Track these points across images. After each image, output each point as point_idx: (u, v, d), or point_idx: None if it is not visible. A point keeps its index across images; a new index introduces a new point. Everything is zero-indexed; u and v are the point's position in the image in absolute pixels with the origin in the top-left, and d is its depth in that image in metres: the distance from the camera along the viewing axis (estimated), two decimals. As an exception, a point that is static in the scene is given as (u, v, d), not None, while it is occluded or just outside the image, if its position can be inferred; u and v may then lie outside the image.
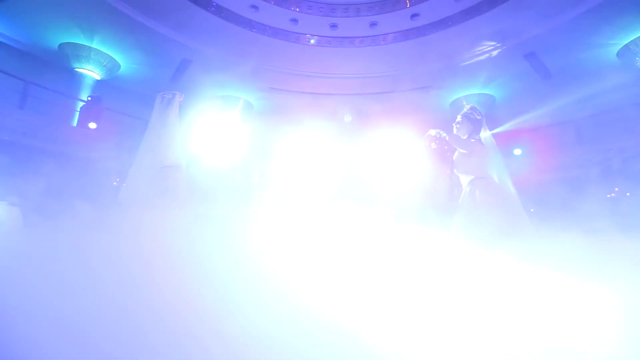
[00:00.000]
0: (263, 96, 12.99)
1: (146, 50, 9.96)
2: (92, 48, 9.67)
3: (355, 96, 12.72)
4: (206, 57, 10.34)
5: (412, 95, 12.18)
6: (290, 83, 11.93)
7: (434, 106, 13.01)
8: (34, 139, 8.08)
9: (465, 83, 11.29)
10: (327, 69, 11.18)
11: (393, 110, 13.65)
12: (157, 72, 11.21)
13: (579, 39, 8.66)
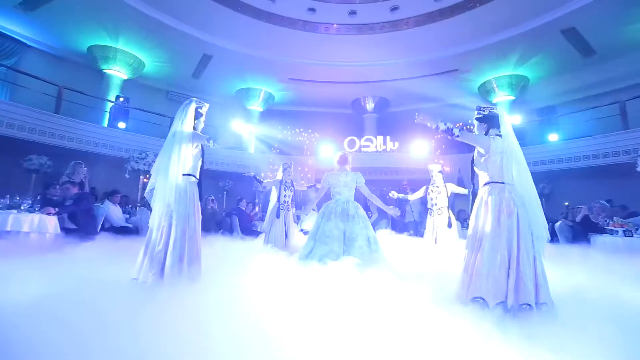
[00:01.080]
0: (283, 87, 12.93)
1: (168, 48, 10.15)
2: (117, 49, 9.98)
3: (378, 84, 12.34)
4: (226, 52, 10.38)
5: (437, 81, 11.66)
6: (310, 73, 11.76)
7: (461, 91, 12.39)
8: (69, 141, 8.57)
9: (495, 64, 10.59)
10: (348, 56, 10.88)
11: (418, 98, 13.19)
12: (180, 68, 11.45)
13: (627, 11, 7.79)
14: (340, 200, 3.48)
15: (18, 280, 2.27)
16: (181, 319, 1.69)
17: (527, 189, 2.13)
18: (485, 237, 2.09)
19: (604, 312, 1.86)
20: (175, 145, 2.40)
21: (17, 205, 3.69)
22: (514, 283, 1.94)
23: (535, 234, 2.07)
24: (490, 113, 2.37)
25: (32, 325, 1.63)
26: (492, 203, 2.14)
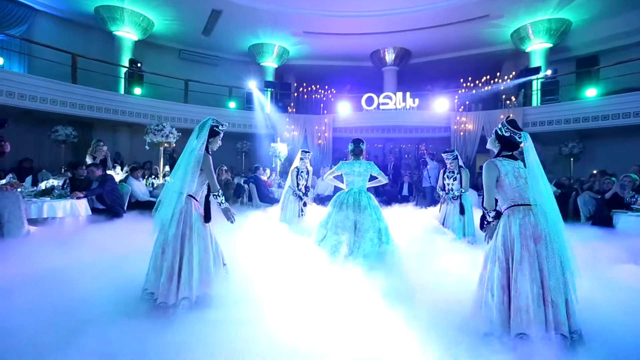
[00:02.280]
0: (298, 41, 12.22)
1: (176, 4, 9.63)
2: (124, 8, 9.59)
3: (399, 34, 11.39)
4: (234, 5, 9.74)
5: (464, 29, 10.59)
6: (325, 25, 10.96)
7: (492, 38, 11.27)
8: (90, 110, 8.75)
9: (533, 7, 9.40)
10: (367, 5, 9.96)
11: (443, 47, 12.15)
12: (190, 26, 10.97)
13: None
14: (353, 191, 3.47)
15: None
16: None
17: (552, 212, 1.95)
18: (515, 267, 1.96)
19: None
20: (185, 167, 2.43)
21: (49, 191, 3.96)
22: (551, 315, 1.88)
23: (565, 261, 1.93)
24: (511, 138, 2.15)
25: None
26: (517, 230, 2.00)
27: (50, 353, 1.69)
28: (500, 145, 2.20)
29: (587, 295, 2.12)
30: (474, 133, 11.11)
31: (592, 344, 1.86)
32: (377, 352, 1.86)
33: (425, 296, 2.54)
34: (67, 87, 8.24)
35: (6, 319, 1.98)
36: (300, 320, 2.14)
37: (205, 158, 2.52)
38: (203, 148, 2.53)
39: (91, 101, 8.74)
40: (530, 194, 2.02)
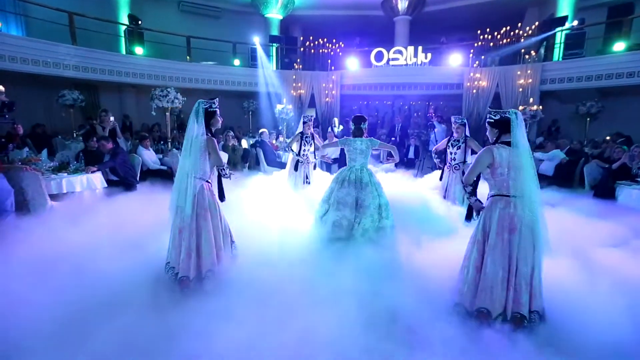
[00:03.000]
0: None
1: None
2: (116, -43, 8.93)
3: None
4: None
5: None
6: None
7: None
8: (93, 73, 8.64)
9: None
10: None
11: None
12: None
13: None
14: (355, 167, 3.53)
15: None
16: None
17: (534, 202, 2.07)
18: (489, 251, 2.16)
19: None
20: (192, 151, 2.51)
21: (65, 165, 4.15)
22: (512, 296, 2.10)
23: (537, 248, 2.10)
24: (502, 118, 2.15)
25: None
26: (496, 219, 2.15)
27: (75, 335, 1.96)
28: (498, 130, 2.22)
29: (563, 277, 2.30)
30: (488, 90, 10.65)
31: (548, 323, 2.11)
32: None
33: (416, 267, 2.78)
34: (68, 49, 8.06)
35: (40, 295, 2.26)
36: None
37: (209, 142, 2.60)
38: (204, 132, 2.59)
39: (94, 63, 8.60)
40: (517, 184, 2.09)
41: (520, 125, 2.08)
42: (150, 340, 1.96)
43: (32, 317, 2.06)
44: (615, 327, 1.98)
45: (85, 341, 1.93)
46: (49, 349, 1.86)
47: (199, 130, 2.56)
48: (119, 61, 9.19)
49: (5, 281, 2.40)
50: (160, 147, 6.81)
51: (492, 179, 2.19)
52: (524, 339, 1.98)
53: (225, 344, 1.93)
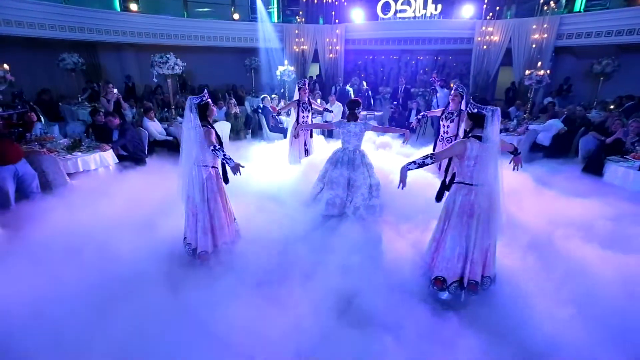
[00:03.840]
0: None
1: None
2: None
3: None
4: None
5: None
6: None
7: None
8: (89, 33, 8.45)
9: None
10: None
11: None
12: None
13: None
14: (349, 149, 3.71)
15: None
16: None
17: (494, 191, 2.31)
18: (449, 229, 2.49)
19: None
20: (192, 142, 2.71)
21: (78, 144, 4.40)
22: (468, 268, 2.48)
23: (492, 229, 2.41)
24: (479, 113, 2.28)
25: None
26: (458, 204, 2.44)
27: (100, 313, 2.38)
28: (472, 122, 2.38)
29: (519, 255, 2.66)
30: (499, 45, 10.13)
31: (495, 286, 2.55)
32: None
33: (398, 242, 3.15)
34: (62, 9, 7.83)
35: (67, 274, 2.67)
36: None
37: (207, 133, 2.80)
38: (199, 125, 2.76)
39: (89, 23, 8.38)
40: (480, 175, 2.32)
41: (494, 122, 2.22)
42: (167, 313, 2.39)
43: (62, 293, 2.48)
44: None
45: (109, 316, 2.34)
46: (75, 322, 2.27)
47: (195, 122, 2.74)
48: (114, 19, 8.90)
49: (37, 259, 2.81)
50: (164, 114, 6.94)
51: (460, 167, 2.42)
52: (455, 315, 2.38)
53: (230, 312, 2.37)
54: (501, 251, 2.68)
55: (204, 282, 2.71)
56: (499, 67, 10.76)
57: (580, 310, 2.24)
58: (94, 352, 2.06)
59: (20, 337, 2.12)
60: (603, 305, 2.27)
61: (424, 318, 2.32)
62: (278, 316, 2.37)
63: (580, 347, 2.00)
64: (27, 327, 2.19)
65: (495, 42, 10.13)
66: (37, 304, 2.36)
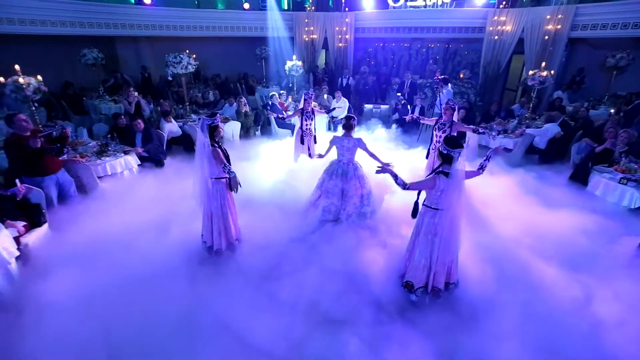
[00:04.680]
0: None
1: None
2: None
3: None
4: None
5: None
6: None
7: None
8: (107, 28, 8.83)
9: None
10: None
11: None
12: None
13: None
14: (343, 162, 4.10)
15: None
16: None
17: (456, 216, 2.70)
18: (417, 245, 2.95)
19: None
20: (204, 159, 3.17)
21: (105, 148, 4.93)
22: (432, 277, 2.96)
23: (452, 247, 2.84)
24: (448, 154, 2.65)
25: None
26: (425, 224, 2.87)
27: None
28: (442, 159, 2.75)
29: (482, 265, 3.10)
30: (511, 35, 9.95)
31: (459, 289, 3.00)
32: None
33: (382, 248, 3.61)
34: (81, 6, 8.21)
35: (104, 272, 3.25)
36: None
37: (214, 152, 3.25)
38: (209, 144, 3.20)
39: (106, 18, 8.74)
40: (445, 202, 2.73)
41: (460, 162, 2.60)
42: (185, 299, 2.95)
43: (102, 282, 3.07)
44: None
45: (139, 301, 2.89)
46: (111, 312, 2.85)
47: (205, 141, 3.18)
48: (129, 13, 9.22)
49: (78, 254, 3.40)
50: (179, 112, 7.39)
51: (428, 194, 2.87)
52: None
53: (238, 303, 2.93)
54: (468, 258, 3.11)
55: (217, 276, 3.28)
56: (512, 55, 10.61)
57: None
58: (127, 333, 2.63)
59: (72, 319, 2.71)
60: (545, 320, 2.69)
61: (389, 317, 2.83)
62: (272, 307, 2.92)
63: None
64: (78, 312, 2.78)
65: (507, 31, 9.96)
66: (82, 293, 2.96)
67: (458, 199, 2.66)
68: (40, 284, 3.01)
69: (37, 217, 3.56)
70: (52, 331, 2.57)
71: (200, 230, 3.66)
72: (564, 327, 2.59)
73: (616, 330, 2.59)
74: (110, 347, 2.52)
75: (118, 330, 2.62)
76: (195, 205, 3.50)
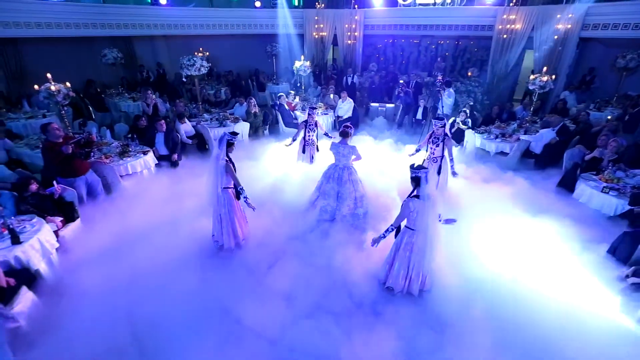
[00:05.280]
0: None
1: None
2: None
3: None
4: None
5: None
6: None
7: None
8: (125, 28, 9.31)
9: None
10: None
11: None
12: None
13: None
14: (339, 167, 4.48)
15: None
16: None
17: (432, 235, 3.06)
18: (397, 258, 3.35)
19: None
20: (217, 171, 3.61)
21: (127, 149, 5.45)
22: (408, 284, 3.38)
23: (426, 263, 3.21)
24: (416, 176, 3.00)
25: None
26: (404, 242, 3.26)
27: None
28: (414, 184, 3.10)
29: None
30: (521, 34, 9.94)
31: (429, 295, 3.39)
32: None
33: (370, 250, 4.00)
34: (101, 8, 8.71)
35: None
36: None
37: (227, 167, 3.69)
38: (224, 159, 3.65)
39: (125, 19, 9.21)
40: (420, 223, 3.08)
41: (427, 182, 2.96)
42: (196, 292, 3.44)
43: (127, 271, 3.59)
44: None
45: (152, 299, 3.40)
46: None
47: (220, 155, 3.62)
48: (145, 14, 9.68)
49: (106, 245, 3.95)
50: (193, 111, 7.86)
51: (407, 219, 3.21)
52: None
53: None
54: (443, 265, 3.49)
55: (222, 267, 3.76)
56: (524, 51, 10.56)
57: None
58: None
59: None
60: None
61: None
62: (269, 297, 3.38)
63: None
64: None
65: (517, 30, 9.93)
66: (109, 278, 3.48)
67: (434, 220, 3.02)
68: (75, 272, 3.55)
69: (71, 213, 4.11)
70: (85, 313, 3.09)
71: (211, 229, 4.14)
72: (520, 325, 2.96)
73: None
74: (133, 325, 3.04)
75: (139, 311, 3.14)
76: (204, 204, 3.99)
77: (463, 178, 5.50)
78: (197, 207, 4.58)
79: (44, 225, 3.61)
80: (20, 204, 3.76)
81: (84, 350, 2.76)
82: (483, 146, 6.68)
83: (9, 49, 8.15)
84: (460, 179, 5.23)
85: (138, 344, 2.90)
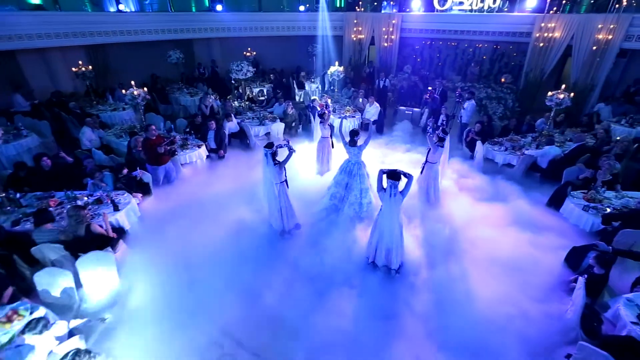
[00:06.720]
0: None
1: None
2: None
3: None
4: None
5: None
6: None
7: None
8: (187, 33, 10.83)
9: None
10: None
11: None
12: None
13: None
14: (351, 162, 5.46)
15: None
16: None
17: (393, 232, 4.04)
18: (379, 241, 4.29)
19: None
20: (271, 172, 4.71)
21: (186, 143, 6.91)
22: (385, 259, 4.31)
23: (398, 253, 4.18)
24: (397, 172, 3.86)
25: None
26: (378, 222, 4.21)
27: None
28: (392, 178, 4.01)
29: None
30: (559, 43, 9.90)
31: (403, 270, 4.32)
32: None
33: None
34: (167, 17, 10.30)
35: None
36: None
37: (280, 167, 4.72)
38: (272, 164, 4.73)
39: (186, 25, 10.76)
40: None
41: (409, 181, 3.90)
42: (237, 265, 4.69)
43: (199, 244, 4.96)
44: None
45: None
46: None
47: (269, 162, 4.73)
48: (204, 20, 11.14)
49: (173, 217, 5.35)
50: (239, 109, 9.21)
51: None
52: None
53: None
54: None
55: (258, 247, 4.92)
56: (566, 59, 10.45)
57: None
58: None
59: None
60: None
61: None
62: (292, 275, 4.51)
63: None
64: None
65: (555, 38, 9.89)
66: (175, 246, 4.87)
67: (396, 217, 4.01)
68: (151, 235, 4.98)
69: (147, 191, 5.62)
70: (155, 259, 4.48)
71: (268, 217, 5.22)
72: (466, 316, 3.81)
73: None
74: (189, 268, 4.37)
75: (195, 261, 4.46)
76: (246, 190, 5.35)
77: (453, 182, 6.32)
78: (240, 191, 5.93)
79: (132, 199, 5.11)
80: (116, 183, 5.31)
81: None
82: (493, 157, 7.17)
83: (99, 52, 10.08)
84: (453, 185, 6.03)
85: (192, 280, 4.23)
